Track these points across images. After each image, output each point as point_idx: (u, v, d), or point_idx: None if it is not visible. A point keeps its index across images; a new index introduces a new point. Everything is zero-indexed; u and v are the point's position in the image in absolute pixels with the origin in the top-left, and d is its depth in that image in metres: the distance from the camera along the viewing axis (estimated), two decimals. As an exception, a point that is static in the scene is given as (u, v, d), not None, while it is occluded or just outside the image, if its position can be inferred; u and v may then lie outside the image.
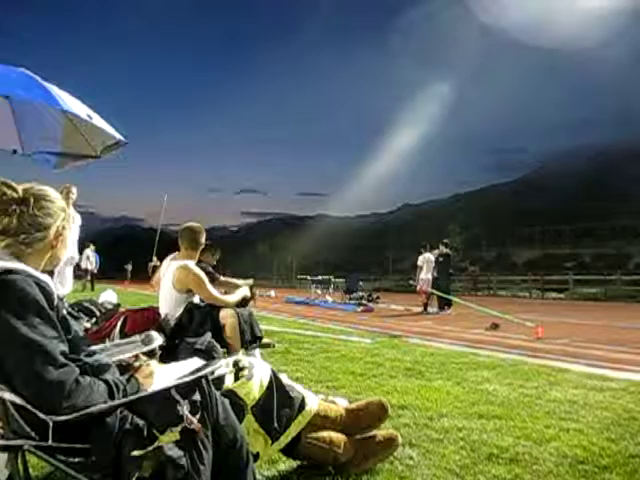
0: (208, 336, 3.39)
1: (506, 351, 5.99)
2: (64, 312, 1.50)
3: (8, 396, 1.33)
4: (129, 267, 33.98)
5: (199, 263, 3.95)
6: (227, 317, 3.53)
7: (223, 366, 1.85)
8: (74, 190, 6.09)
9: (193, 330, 3.46)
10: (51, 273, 1.73)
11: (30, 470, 1.67)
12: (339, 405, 2.30)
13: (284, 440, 1.99)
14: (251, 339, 3.58)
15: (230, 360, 1.99)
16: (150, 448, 1.40)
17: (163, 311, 3.66)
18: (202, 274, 3.62)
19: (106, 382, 1.42)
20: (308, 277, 21.62)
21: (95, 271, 20.40)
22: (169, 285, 3.63)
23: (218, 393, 1.60)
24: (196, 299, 3.75)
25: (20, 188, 1.51)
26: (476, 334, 8.12)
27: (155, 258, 5.09)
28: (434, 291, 12.88)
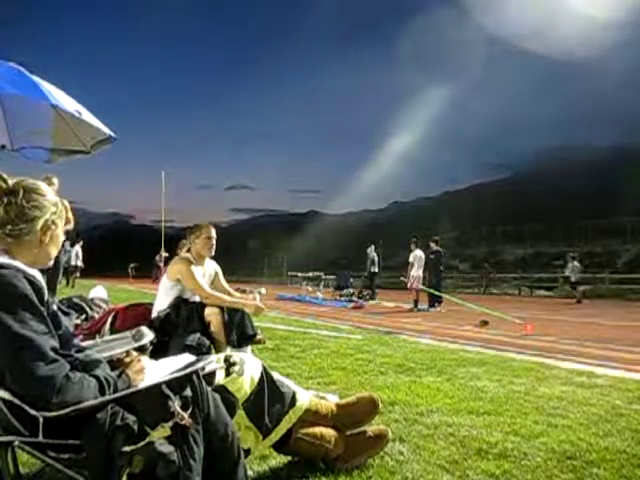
0: (198, 332, 3.40)
1: (495, 348, 6.04)
2: (54, 307, 1.49)
3: (-2, 392, 1.32)
4: (131, 266, 34.07)
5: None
6: (212, 314, 3.51)
7: (214, 362, 1.85)
8: (55, 181, 5.89)
9: (181, 325, 3.47)
10: None
11: (20, 467, 1.66)
12: (330, 401, 2.31)
13: (275, 436, 1.99)
14: (240, 337, 3.56)
15: (221, 356, 1.98)
16: (141, 444, 1.39)
17: (157, 300, 3.69)
18: (191, 266, 3.64)
19: (97, 378, 1.40)
20: (299, 274, 21.61)
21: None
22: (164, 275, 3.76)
23: (209, 389, 1.60)
24: (196, 298, 3.73)
25: (11, 181, 1.50)
26: (466, 331, 8.17)
27: (165, 254, 5.06)
28: (425, 288, 12.95)
